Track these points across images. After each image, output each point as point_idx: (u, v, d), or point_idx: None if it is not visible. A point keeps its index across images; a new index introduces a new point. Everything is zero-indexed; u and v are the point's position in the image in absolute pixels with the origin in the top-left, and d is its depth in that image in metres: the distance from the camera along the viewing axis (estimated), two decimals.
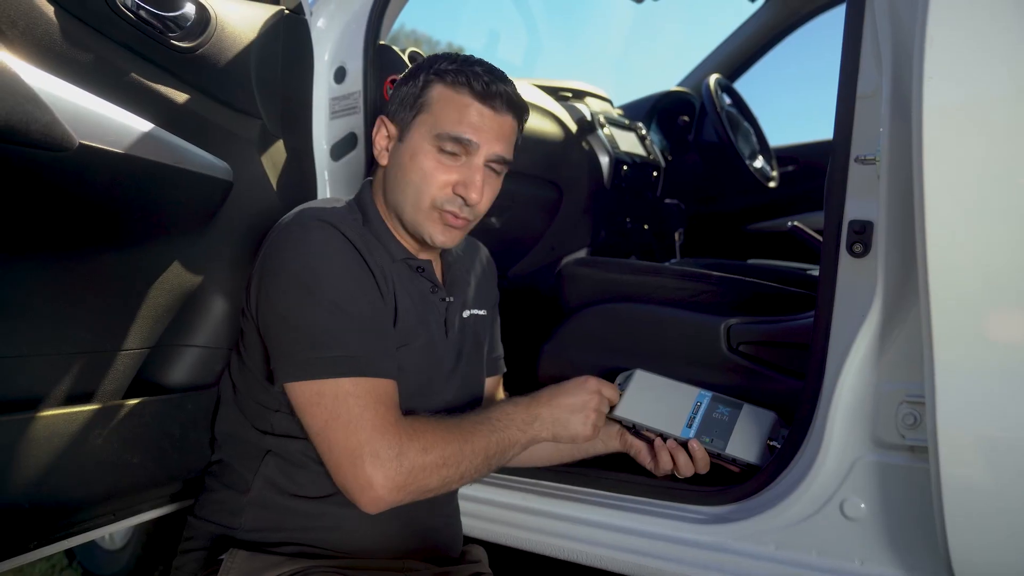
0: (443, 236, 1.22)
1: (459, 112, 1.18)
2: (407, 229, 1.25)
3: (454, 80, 1.19)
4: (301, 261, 1.14)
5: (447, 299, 1.31)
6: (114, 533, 2.14)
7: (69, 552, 2.26)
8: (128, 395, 1.28)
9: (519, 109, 1.23)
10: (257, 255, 1.22)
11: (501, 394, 1.55)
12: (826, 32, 3.17)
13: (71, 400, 1.18)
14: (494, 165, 1.22)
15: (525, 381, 1.88)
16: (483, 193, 1.21)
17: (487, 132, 1.19)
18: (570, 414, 1.25)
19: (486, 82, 1.18)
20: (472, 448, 1.15)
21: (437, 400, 1.26)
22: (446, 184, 1.19)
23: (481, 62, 1.22)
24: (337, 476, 1.11)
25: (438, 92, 1.19)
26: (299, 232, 1.16)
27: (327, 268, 1.13)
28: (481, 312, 1.40)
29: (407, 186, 1.21)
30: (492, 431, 1.18)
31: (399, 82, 1.25)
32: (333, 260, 1.14)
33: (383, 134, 1.25)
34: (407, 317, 1.22)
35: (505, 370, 1.55)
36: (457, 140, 1.18)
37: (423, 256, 1.29)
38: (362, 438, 1.09)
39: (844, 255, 1.23)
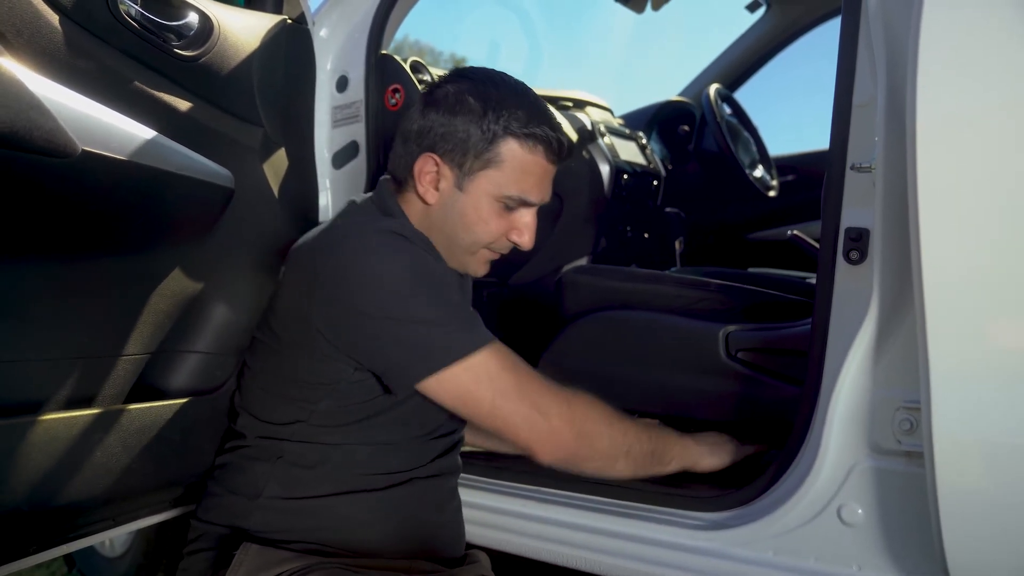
0: (484, 270, 1.30)
1: (527, 173, 1.20)
2: (449, 259, 1.27)
3: (526, 140, 1.19)
4: (388, 268, 1.14)
5: None
6: (114, 540, 2.14)
7: (69, 559, 2.26)
8: (129, 400, 1.29)
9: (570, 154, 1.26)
10: (287, 273, 1.25)
11: None
12: (825, 43, 3.19)
13: (72, 404, 1.19)
14: None
15: None
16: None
17: (546, 186, 1.24)
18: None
19: (559, 143, 1.20)
20: (637, 431, 1.26)
21: None
22: (502, 232, 1.24)
23: (540, 111, 1.22)
24: (520, 438, 1.17)
25: (510, 150, 1.19)
26: (366, 244, 1.16)
27: (413, 267, 1.15)
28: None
29: (466, 234, 1.24)
30: (664, 440, 1.31)
31: (446, 111, 1.21)
32: (412, 258, 1.16)
33: (432, 174, 1.23)
34: None
35: None
36: (524, 202, 1.22)
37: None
38: (533, 398, 1.16)
39: (841, 262, 1.24)
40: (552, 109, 1.26)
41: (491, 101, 1.19)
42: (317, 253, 1.20)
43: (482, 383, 1.14)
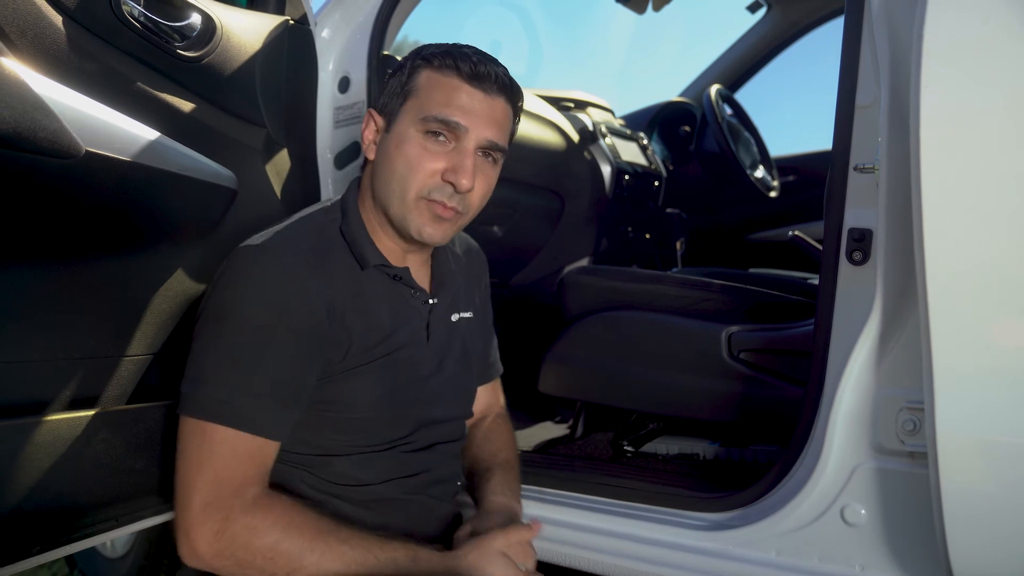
0: (432, 229, 1.15)
1: (446, 95, 1.12)
2: (395, 226, 1.18)
3: (441, 63, 1.13)
4: (221, 299, 1.10)
5: (430, 301, 1.26)
6: (115, 540, 2.14)
7: (70, 560, 2.26)
8: (132, 400, 1.29)
9: (512, 92, 1.17)
10: None
11: (500, 400, 1.53)
12: (826, 43, 3.19)
13: (75, 405, 1.19)
14: (490, 153, 1.16)
15: (527, 390, 1.89)
16: (474, 179, 1.12)
17: (477, 116, 1.12)
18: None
19: (474, 62, 1.12)
20: (317, 559, 1.05)
21: (414, 410, 1.23)
22: (434, 172, 1.12)
23: (470, 46, 1.16)
24: (175, 511, 1.07)
25: (425, 76, 1.14)
26: (232, 267, 1.11)
27: (239, 312, 1.09)
28: (469, 315, 1.36)
29: (392, 177, 1.14)
30: (354, 557, 1.06)
31: (389, 76, 1.20)
32: (250, 306, 1.08)
33: (371, 127, 1.19)
34: (367, 337, 1.16)
35: (501, 371, 1.52)
36: (444, 123, 1.11)
37: (410, 259, 1.24)
38: (197, 485, 1.04)
39: (844, 263, 1.24)
40: (494, 58, 1.17)
41: (417, 48, 1.17)
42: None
43: (183, 439, 1.08)
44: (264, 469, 1.10)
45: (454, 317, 1.32)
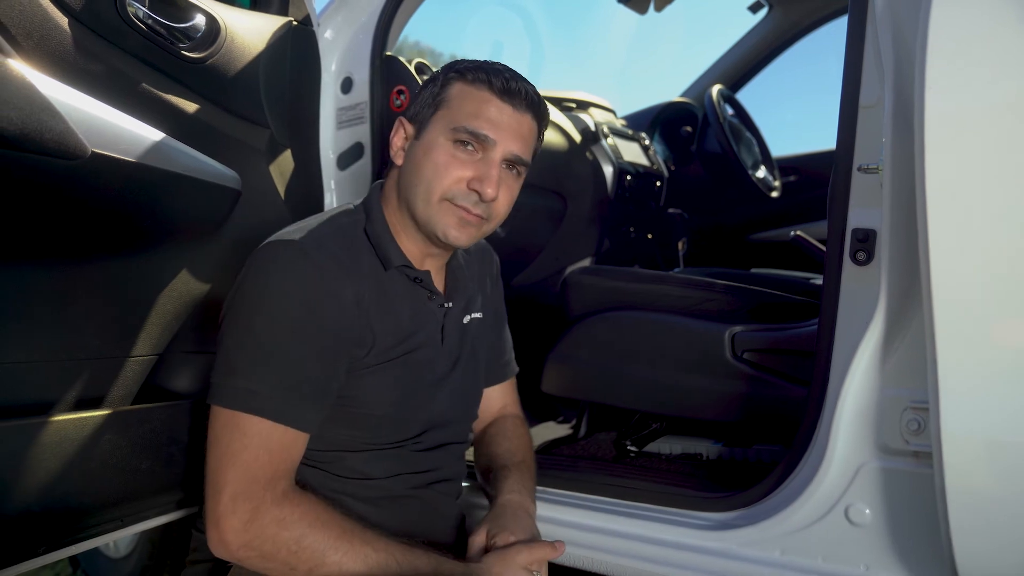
0: (457, 232, 1.18)
1: (477, 107, 1.16)
2: (420, 229, 1.20)
3: (474, 77, 1.17)
4: (253, 291, 1.11)
5: (446, 305, 1.28)
6: (119, 541, 2.14)
7: (74, 560, 2.26)
8: (138, 401, 1.29)
9: (539, 110, 1.22)
10: None
11: (516, 400, 1.53)
12: (828, 43, 3.19)
13: (81, 405, 1.19)
14: (515, 166, 1.20)
15: (530, 391, 1.89)
16: (499, 189, 1.16)
17: (505, 129, 1.16)
18: None
19: (506, 78, 1.17)
20: (340, 559, 1.07)
21: (426, 410, 1.24)
22: (460, 179, 1.16)
23: (502, 64, 1.21)
24: (205, 500, 1.08)
25: (457, 88, 1.18)
26: (265, 261, 1.12)
27: (272, 306, 1.09)
28: (479, 315, 1.38)
29: (419, 181, 1.17)
30: (376, 560, 1.08)
31: (421, 87, 1.24)
32: (283, 300, 1.09)
33: (400, 134, 1.22)
34: (388, 336, 1.18)
35: (517, 370, 1.53)
36: (473, 134, 1.15)
37: (428, 264, 1.26)
38: (229, 476, 1.05)
39: (848, 263, 1.24)
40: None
41: (452, 62, 1.21)
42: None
43: (215, 429, 1.08)
44: (293, 463, 1.11)
45: (466, 319, 1.34)
